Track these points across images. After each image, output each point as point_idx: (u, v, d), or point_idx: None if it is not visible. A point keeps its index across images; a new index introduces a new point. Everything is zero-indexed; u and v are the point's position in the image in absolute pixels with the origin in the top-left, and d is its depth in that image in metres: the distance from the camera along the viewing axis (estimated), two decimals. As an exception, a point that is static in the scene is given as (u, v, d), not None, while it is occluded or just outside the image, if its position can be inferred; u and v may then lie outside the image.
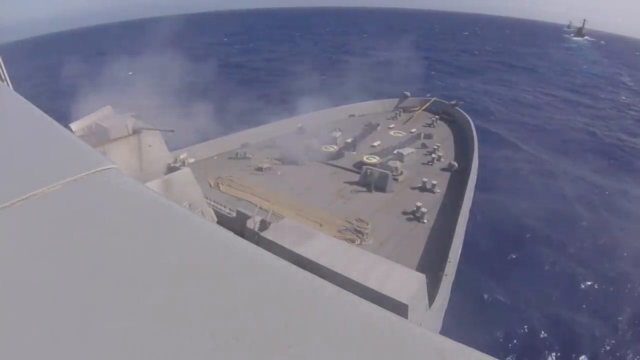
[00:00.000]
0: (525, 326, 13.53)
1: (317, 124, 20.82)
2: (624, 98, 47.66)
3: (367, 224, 11.95)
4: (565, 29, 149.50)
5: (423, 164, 16.56)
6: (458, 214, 11.95)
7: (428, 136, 19.38)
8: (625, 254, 17.25)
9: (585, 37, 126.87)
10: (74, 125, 12.14)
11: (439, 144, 17.97)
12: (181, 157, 15.59)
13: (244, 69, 55.13)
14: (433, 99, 24.29)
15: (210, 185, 14.54)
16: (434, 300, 8.70)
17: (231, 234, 1.05)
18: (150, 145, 12.42)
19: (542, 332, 13.37)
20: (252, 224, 10.55)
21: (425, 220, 12.17)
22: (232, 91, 34.70)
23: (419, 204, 12.52)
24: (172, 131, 13.12)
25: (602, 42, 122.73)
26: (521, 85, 48.43)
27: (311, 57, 59.04)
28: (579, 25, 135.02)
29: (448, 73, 54.23)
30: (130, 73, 22.89)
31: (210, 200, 12.85)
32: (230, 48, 72.73)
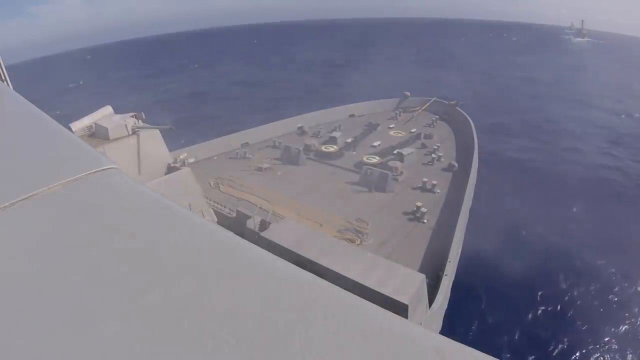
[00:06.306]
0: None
1: (317, 124, 20.87)
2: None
3: (367, 224, 11.94)
4: (567, 30, 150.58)
5: (423, 164, 16.57)
6: (458, 214, 11.95)
7: (428, 136, 19.38)
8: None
9: (586, 38, 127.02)
10: (74, 125, 12.16)
11: (439, 144, 17.97)
12: (181, 157, 15.60)
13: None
14: (433, 99, 24.30)
15: (210, 185, 14.54)
16: (434, 300, 8.70)
17: (231, 234, 1.05)
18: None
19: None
20: (252, 224, 10.57)
21: (425, 220, 12.17)
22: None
23: (419, 204, 12.52)
24: (172, 129, 13.13)
25: (602, 41, 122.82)
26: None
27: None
28: (579, 26, 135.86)
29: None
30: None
31: (210, 200, 12.85)
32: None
